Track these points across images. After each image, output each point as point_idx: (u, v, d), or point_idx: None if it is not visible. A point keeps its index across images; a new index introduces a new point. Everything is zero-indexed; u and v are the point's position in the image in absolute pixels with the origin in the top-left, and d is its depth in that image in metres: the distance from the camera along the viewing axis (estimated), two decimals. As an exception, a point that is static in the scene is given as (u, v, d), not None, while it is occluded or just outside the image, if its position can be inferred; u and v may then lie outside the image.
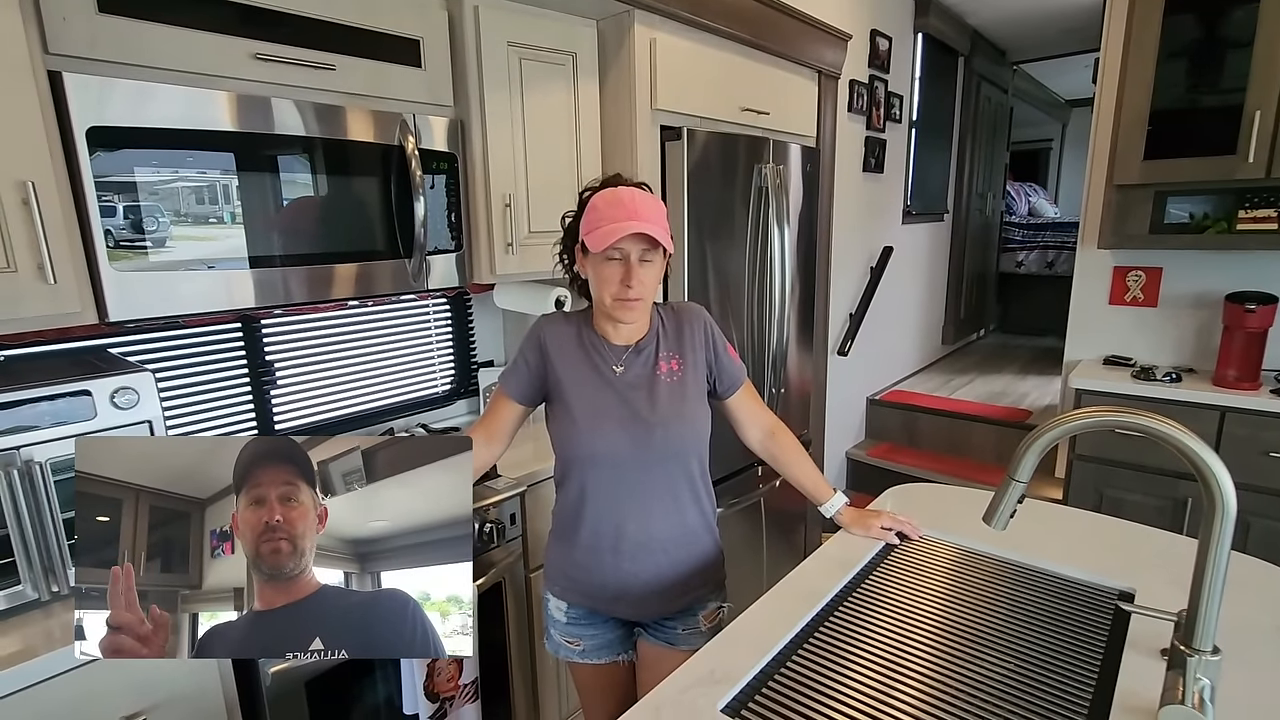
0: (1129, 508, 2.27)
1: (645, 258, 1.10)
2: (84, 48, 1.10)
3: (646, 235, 1.08)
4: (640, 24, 1.81)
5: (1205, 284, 2.44)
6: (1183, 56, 2.20)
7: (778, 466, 1.34)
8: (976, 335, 5.36)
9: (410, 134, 1.50)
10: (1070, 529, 1.34)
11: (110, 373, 1.16)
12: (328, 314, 1.87)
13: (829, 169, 2.77)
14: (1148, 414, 0.73)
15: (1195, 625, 0.75)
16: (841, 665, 0.94)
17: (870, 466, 3.47)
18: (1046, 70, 5.55)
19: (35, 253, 1.06)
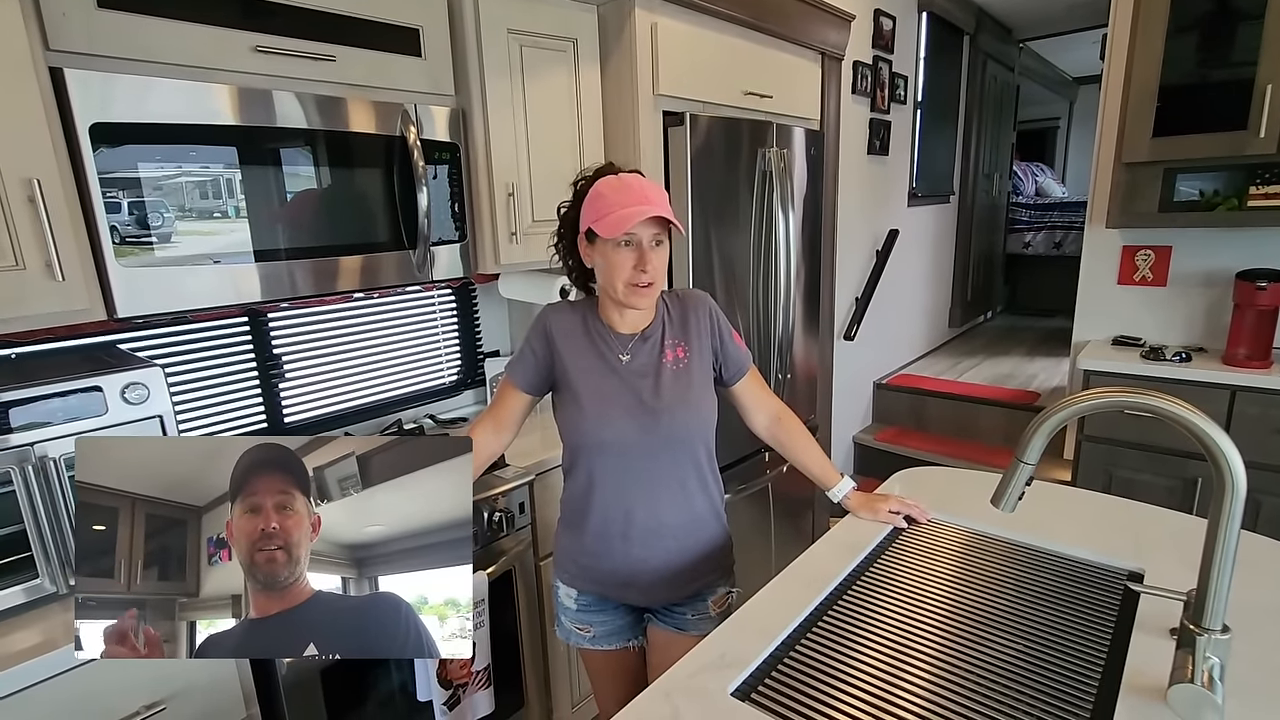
0: (1138, 488, 2.26)
1: (657, 241, 1.11)
2: (84, 43, 1.10)
3: (659, 219, 1.08)
4: (641, 8, 1.79)
5: (1215, 262, 2.42)
6: (1192, 30, 2.17)
7: (784, 452, 1.34)
8: (984, 317, 5.33)
9: (412, 124, 1.49)
10: (1079, 510, 1.34)
11: (120, 369, 1.17)
12: (334, 306, 1.87)
13: (833, 152, 2.75)
14: (1156, 394, 0.73)
15: (1205, 604, 0.75)
16: (850, 649, 0.94)
17: (878, 451, 3.47)
18: (1053, 47, 5.47)
19: (42, 250, 1.06)
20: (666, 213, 1.08)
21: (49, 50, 1.07)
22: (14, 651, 1.01)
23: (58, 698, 1.02)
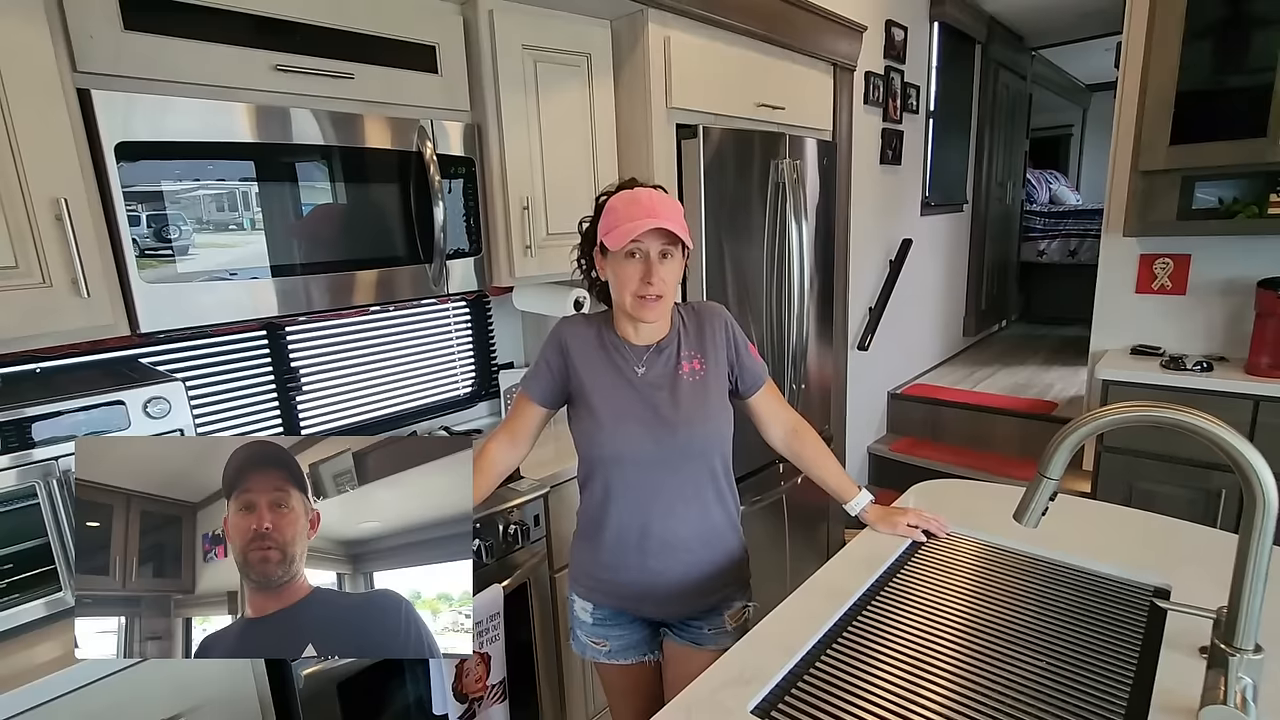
0: (1160, 500, 2.23)
1: (665, 254, 1.11)
2: (110, 65, 1.12)
3: (665, 231, 1.08)
4: (654, 23, 1.81)
5: (1236, 270, 2.38)
6: (1208, 37, 2.15)
7: (801, 465, 1.33)
8: (998, 326, 5.28)
9: (428, 140, 1.51)
10: (1100, 523, 1.32)
11: (142, 383, 1.18)
12: (350, 320, 1.89)
13: (846, 162, 2.75)
14: (1183, 408, 0.72)
15: (1236, 623, 0.74)
16: (871, 665, 0.93)
17: (892, 461, 3.44)
18: (1066, 55, 5.45)
19: (69, 268, 1.08)
20: (671, 224, 1.07)
21: (76, 72, 1.09)
22: (36, 664, 1.02)
23: (79, 711, 1.03)
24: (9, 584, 1.07)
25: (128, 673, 1.06)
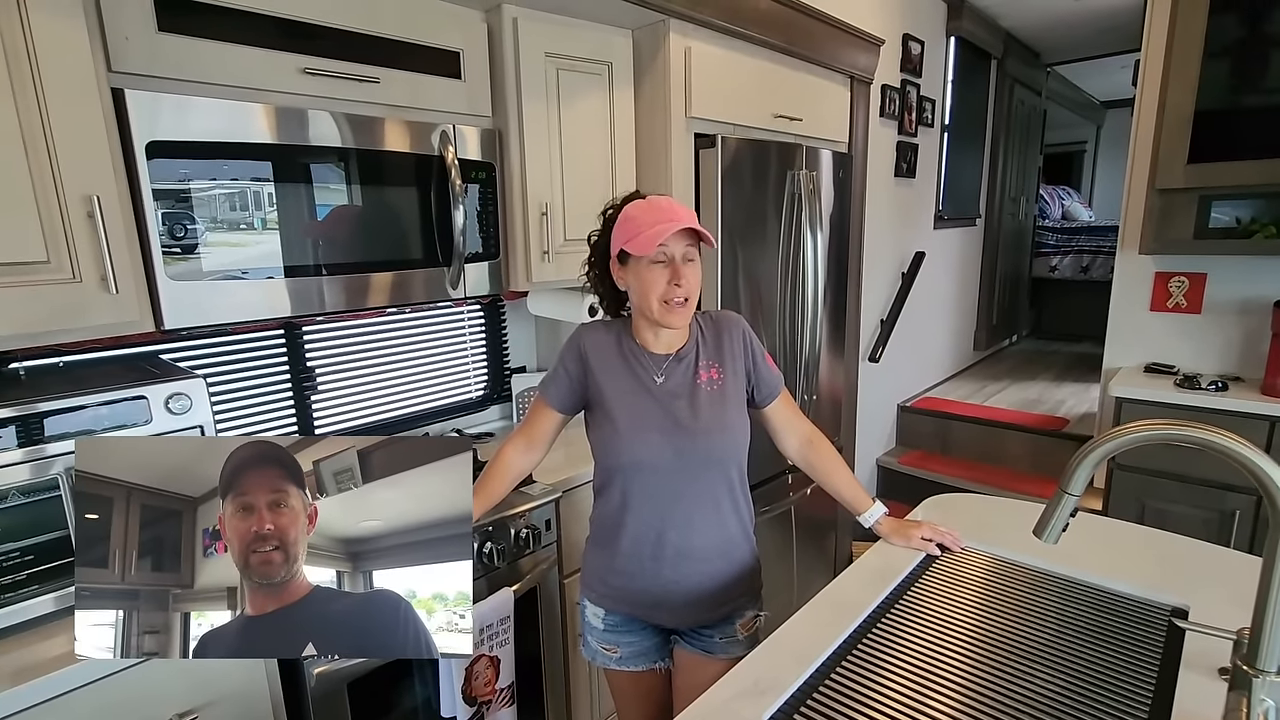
0: (1173, 519, 2.21)
1: (689, 257, 1.13)
2: (144, 65, 1.14)
3: (687, 233, 1.11)
4: (675, 33, 1.82)
5: (1253, 290, 2.37)
6: (1228, 56, 2.14)
7: (816, 476, 1.33)
8: (1009, 341, 5.26)
9: (450, 144, 1.52)
10: (1115, 541, 1.31)
11: (164, 379, 1.20)
12: (366, 320, 1.90)
13: (861, 174, 2.75)
14: (1210, 428, 0.72)
15: (1260, 644, 0.73)
16: (885, 678, 0.93)
17: (901, 474, 3.43)
18: (1081, 72, 5.45)
19: (99, 264, 1.09)
20: (696, 225, 1.10)
21: (111, 72, 1.11)
22: (52, 657, 1.02)
23: (97, 703, 1.03)
24: (29, 575, 1.08)
25: (145, 668, 1.07)
